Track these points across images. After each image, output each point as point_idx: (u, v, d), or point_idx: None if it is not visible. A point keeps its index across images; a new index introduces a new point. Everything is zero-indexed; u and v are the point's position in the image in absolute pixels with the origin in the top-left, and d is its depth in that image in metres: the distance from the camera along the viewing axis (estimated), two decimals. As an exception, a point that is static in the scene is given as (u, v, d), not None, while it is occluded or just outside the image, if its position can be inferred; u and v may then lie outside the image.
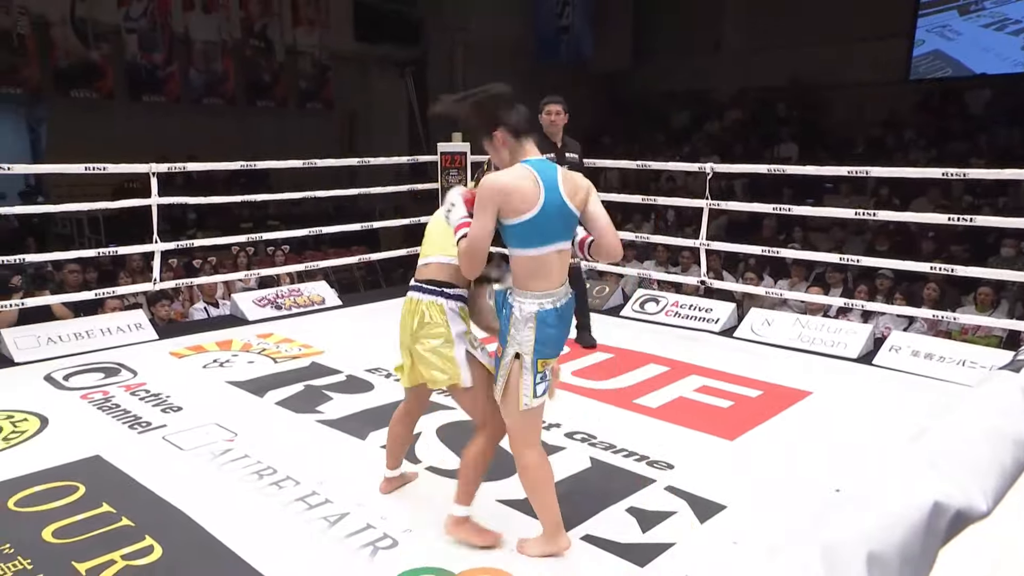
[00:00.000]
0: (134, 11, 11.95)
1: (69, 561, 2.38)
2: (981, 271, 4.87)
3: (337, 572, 2.35)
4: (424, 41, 15.09)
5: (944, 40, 11.40)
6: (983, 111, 11.87)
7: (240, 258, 7.68)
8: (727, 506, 2.76)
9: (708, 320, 5.32)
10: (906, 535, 0.44)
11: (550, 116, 4.34)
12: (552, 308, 2.24)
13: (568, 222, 2.28)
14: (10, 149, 11.95)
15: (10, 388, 3.99)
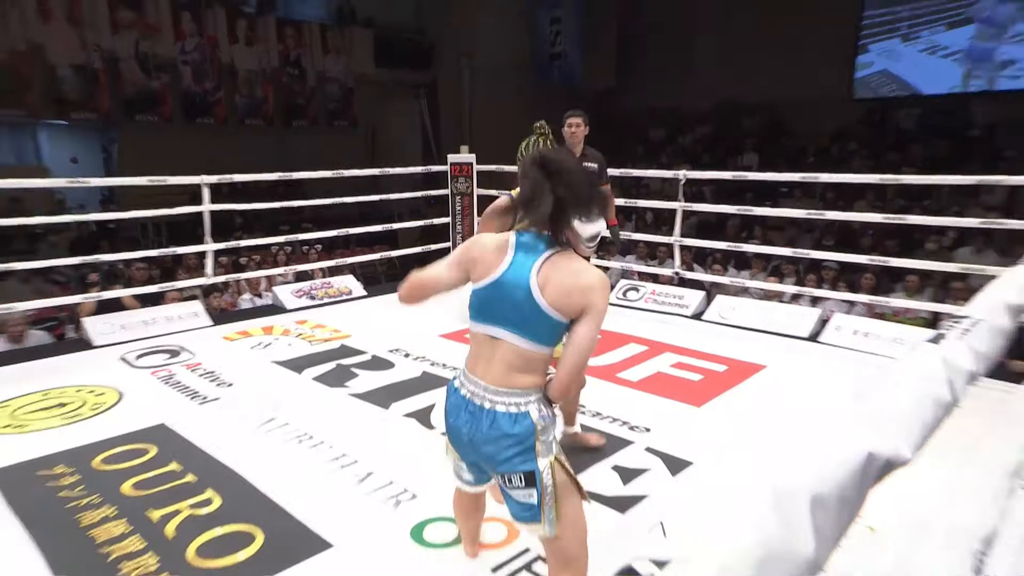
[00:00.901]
0: (188, 46, 11.94)
1: (145, 509, 2.43)
2: (910, 262, 4.91)
3: (365, 521, 2.39)
4: (435, 66, 15.04)
5: (891, 61, 11.53)
6: (914, 126, 11.95)
7: (279, 256, 7.70)
8: (694, 462, 2.81)
9: (681, 306, 5.34)
10: (843, 480, 0.47)
11: (570, 128, 4.09)
12: (456, 386, 1.69)
13: (522, 314, 1.56)
14: (88, 165, 12.01)
15: (92, 367, 4.02)
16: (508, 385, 1.59)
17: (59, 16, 10.38)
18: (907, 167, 10.00)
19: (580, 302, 1.55)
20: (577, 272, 1.57)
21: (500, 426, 1.58)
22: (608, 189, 4.13)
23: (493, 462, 1.62)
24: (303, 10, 14.11)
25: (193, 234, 6.01)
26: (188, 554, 2.18)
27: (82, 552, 2.20)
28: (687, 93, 14.75)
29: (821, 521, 0.42)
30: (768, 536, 0.38)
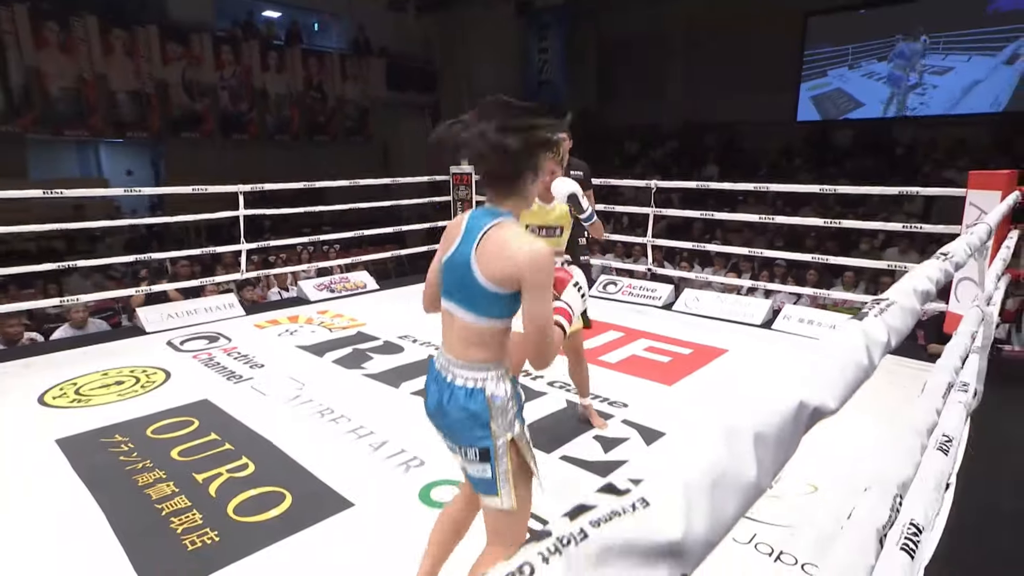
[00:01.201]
0: (226, 73, 11.88)
1: (190, 473, 2.43)
2: (846, 260, 4.94)
3: (380, 483, 2.39)
4: (439, 89, 15.01)
5: (843, 82, 11.91)
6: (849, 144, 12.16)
7: (303, 254, 7.68)
8: (666, 433, 2.82)
9: (653, 298, 5.35)
10: (781, 422, 0.49)
11: None
12: (433, 360, 1.50)
13: (466, 287, 1.35)
14: (140, 176, 11.95)
15: (144, 351, 4.02)
16: (465, 359, 1.39)
17: (119, 50, 10.39)
18: (843, 179, 10.10)
19: (511, 273, 1.29)
20: (504, 242, 1.30)
21: (457, 399, 1.39)
22: (591, 195, 4.08)
23: (452, 434, 1.44)
24: (325, 42, 14.04)
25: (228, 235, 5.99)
26: (228, 510, 2.18)
27: (140, 507, 2.20)
28: (657, 113, 14.81)
29: (762, 455, 0.44)
30: (719, 462, 0.40)
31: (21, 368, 3.72)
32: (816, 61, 12.13)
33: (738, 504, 0.38)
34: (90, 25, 9.97)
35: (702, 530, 0.33)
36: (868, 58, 11.53)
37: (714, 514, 0.35)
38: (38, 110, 9.67)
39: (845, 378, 0.58)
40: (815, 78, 12.18)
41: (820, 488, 2.26)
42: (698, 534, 0.32)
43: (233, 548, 1.98)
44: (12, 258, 7.91)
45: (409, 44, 14.45)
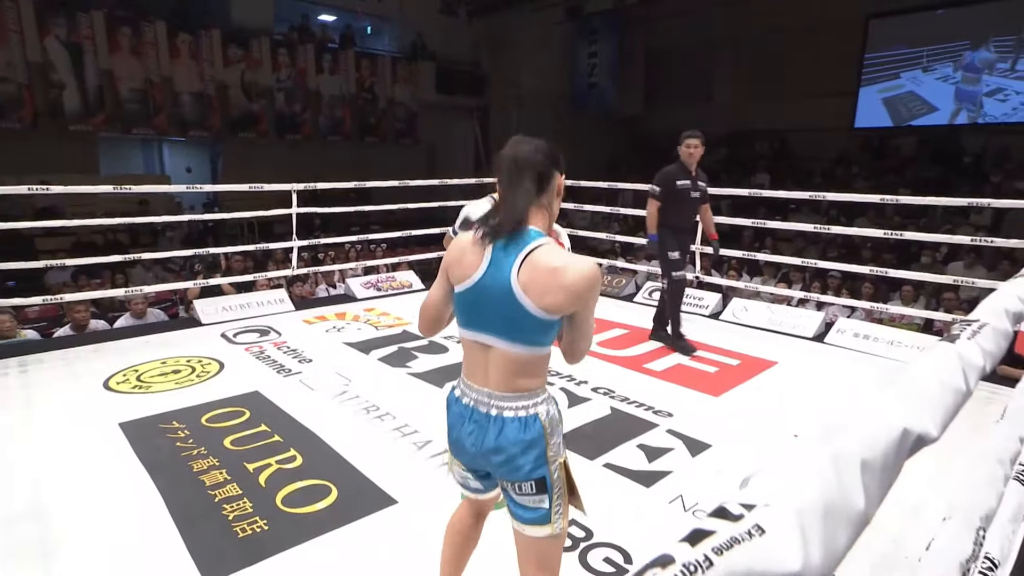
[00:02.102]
0: (282, 76, 12.25)
1: (242, 462, 2.50)
2: (906, 273, 4.71)
3: (423, 482, 2.40)
4: (487, 93, 15.11)
5: (916, 85, 11.34)
6: (912, 153, 11.58)
7: (351, 253, 7.83)
8: (712, 445, 2.74)
9: (700, 306, 5.24)
10: (886, 449, 0.47)
11: (688, 149, 3.85)
12: (457, 396, 1.41)
13: (509, 318, 1.26)
14: (200, 174, 12.47)
15: (199, 342, 4.15)
16: (512, 390, 1.30)
17: (185, 54, 10.86)
18: (904, 188, 9.64)
19: (569, 302, 1.23)
20: (557, 271, 1.22)
21: (510, 433, 1.29)
22: (708, 207, 4.17)
23: (503, 471, 1.33)
24: (377, 45, 14.32)
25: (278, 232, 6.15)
26: (277, 501, 2.23)
27: (195, 492, 2.28)
28: (707, 119, 14.52)
29: (868, 482, 0.42)
30: (829, 489, 0.38)
31: (91, 353, 3.92)
32: (887, 63, 11.51)
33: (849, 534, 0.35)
34: (159, 30, 10.46)
35: (818, 561, 0.31)
36: (943, 61, 10.93)
37: (828, 544, 0.32)
38: (109, 110, 10.19)
39: (945, 404, 0.54)
40: (886, 80, 11.56)
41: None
42: (815, 566, 0.30)
43: (281, 537, 2.02)
44: (81, 249, 8.36)
45: (459, 48, 14.59)
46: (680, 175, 3.92)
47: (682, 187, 3.92)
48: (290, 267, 5.33)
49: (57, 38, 9.48)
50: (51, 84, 9.57)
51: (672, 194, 3.92)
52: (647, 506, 2.26)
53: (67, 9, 9.46)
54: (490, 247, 1.29)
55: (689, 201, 3.97)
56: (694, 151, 3.87)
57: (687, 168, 3.93)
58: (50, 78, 9.54)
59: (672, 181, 3.91)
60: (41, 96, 9.56)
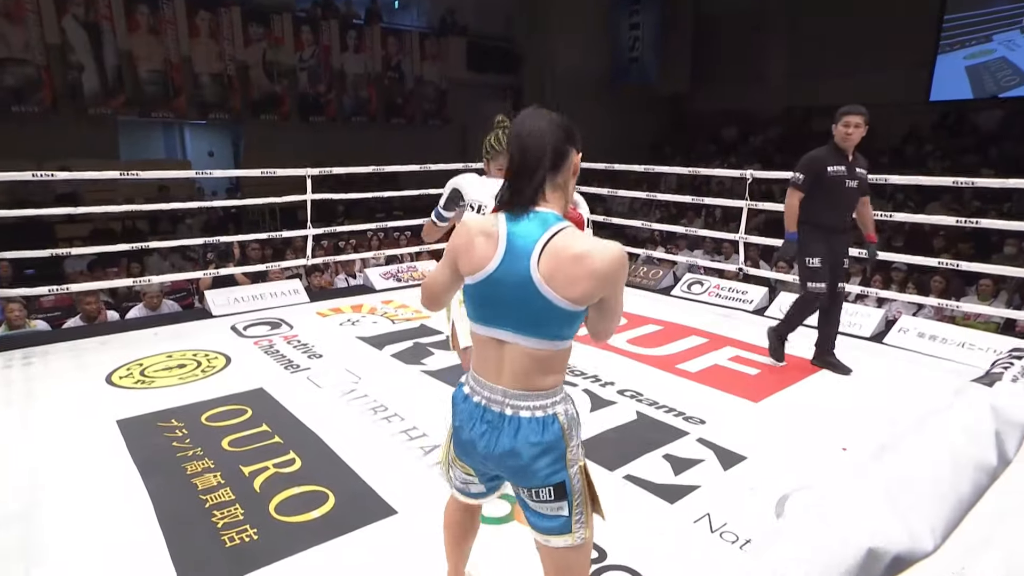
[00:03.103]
0: (305, 54, 12.41)
1: (238, 465, 2.50)
2: (982, 266, 4.39)
3: (427, 491, 2.34)
4: (521, 70, 14.96)
5: (1009, 51, 10.34)
6: (995, 128, 10.83)
7: (373, 240, 7.85)
8: (747, 457, 2.61)
9: (744, 301, 5.05)
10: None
11: (847, 129, 3.30)
12: (467, 393, 1.35)
13: (529, 311, 1.21)
14: (220, 157, 12.76)
15: (208, 334, 4.20)
16: (529, 388, 1.26)
17: (204, 32, 11.07)
18: (986, 169, 9.08)
19: (597, 289, 1.20)
20: (582, 258, 1.17)
21: (527, 435, 1.25)
22: (867, 200, 3.59)
23: (518, 476, 1.30)
24: (404, 20, 14.31)
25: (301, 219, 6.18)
26: (270, 508, 2.22)
27: (185, 497, 2.28)
28: (758, 96, 14.06)
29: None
30: None
31: (98, 345, 4.01)
32: (977, 23, 10.58)
33: None
34: (178, 7, 10.68)
35: None
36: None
37: None
38: (128, 92, 10.48)
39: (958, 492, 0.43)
40: (976, 43, 10.61)
41: None
42: None
43: (270, 549, 2.00)
44: (98, 236, 8.63)
45: (491, 23, 14.47)
46: (832, 160, 3.36)
47: (834, 175, 3.35)
48: (306, 257, 5.35)
49: (75, 17, 9.78)
50: (70, 66, 9.89)
51: (820, 184, 3.36)
52: (669, 525, 2.16)
53: (84, -13, 9.74)
54: (504, 234, 1.23)
55: (844, 193, 3.39)
56: (853, 132, 3.30)
57: (842, 152, 3.37)
58: (68, 59, 9.85)
59: (821, 167, 3.36)
60: (60, 78, 9.89)
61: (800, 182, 3.43)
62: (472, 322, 1.32)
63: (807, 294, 3.54)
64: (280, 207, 10.44)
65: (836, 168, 3.35)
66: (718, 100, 14.79)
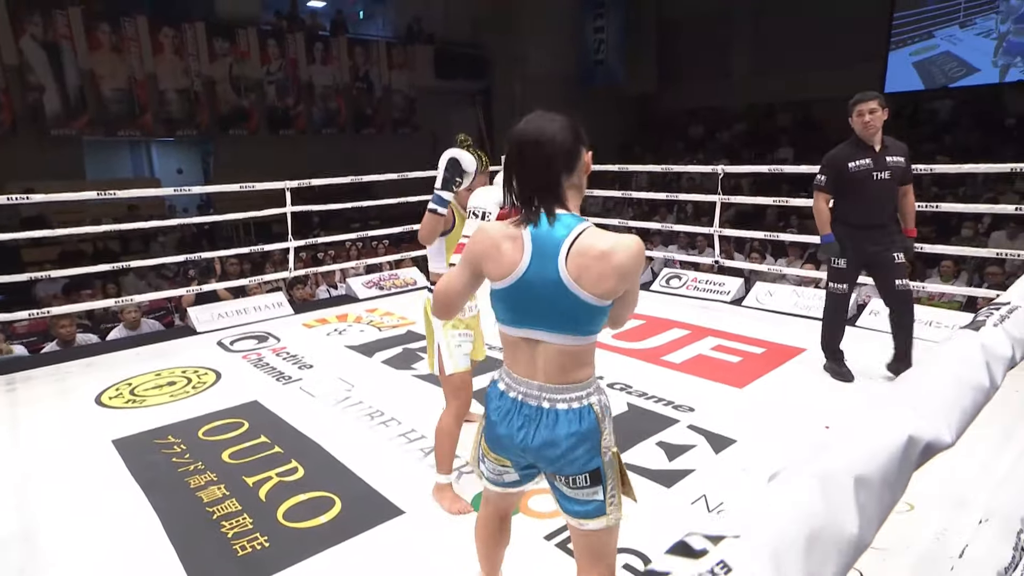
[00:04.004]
0: (272, 68, 12.34)
1: (241, 476, 2.51)
2: (944, 248, 4.59)
3: (429, 489, 2.38)
4: (490, 75, 15.05)
5: (951, 45, 10.79)
6: (948, 117, 11.31)
7: (351, 251, 7.84)
8: (737, 440, 2.72)
9: (721, 292, 5.19)
10: (886, 462, 0.44)
11: (863, 117, 3.10)
12: (502, 389, 1.39)
13: (560, 310, 1.26)
14: (190, 174, 12.59)
15: (195, 351, 4.18)
16: (564, 381, 1.31)
17: (168, 49, 10.95)
18: (942, 156, 9.45)
19: (620, 284, 1.25)
20: (606, 255, 1.23)
21: (564, 426, 1.31)
22: (911, 188, 3.30)
23: (556, 466, 1.34)
24: (370, 30, 14.31)
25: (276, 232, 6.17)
26: (278, 516, 2.24)
27: (192, 510, 2.30)
28: (724, 93, 14.40)
29: (864, 501, 0.39)
30: (814, 516, 0.35)
31: (83, 367, 3.96)
32: (919, 21, 11.08)
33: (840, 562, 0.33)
34: (140, 25, 10.54)
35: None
36: (985, 13, 10.35)
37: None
38: (92, 111, 10.29)
39: (962, 404, 0.52)
40: (919, 40, 11.08)
41: (917, 507, 2.12)
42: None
43: (283, 554, 2.03)
44: (69, 258, 8.46)
45: (458, 29, 14.54)
46: (854, 154, 3.19)
47: (857, 169, 3.16)
48: (288, 269, 5.34)
49: (33, 38, 9.59)
50: (29, 87, 9.68)
51: (844, 181, 3.20)
52: (668, 508, 2.24)
53: (42, 7, 9.54)
54: (528, 237, 1.27)
55: (873, 186, 3.15)
56: (870, 118, 3.08)
57: (865, 143, 3.17)
58: (28, 80, 9.64)
59: (842, 164, 3.20)
60: (19, 100, 9.67)
61: (822, 183, 3.30)
62: (502, 324, 1.36)
63: (828, 297, 3.47)
64: (255, 221, 10.37)
65: (859, 162, 3.17)
66: (684, 99, 15.10)
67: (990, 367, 0.59)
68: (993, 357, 0.61)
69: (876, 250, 3.23)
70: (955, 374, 0.55)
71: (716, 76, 14.39)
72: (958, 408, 0.51)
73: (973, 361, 0.58)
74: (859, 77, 11.80)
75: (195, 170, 12.85)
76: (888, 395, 0.49)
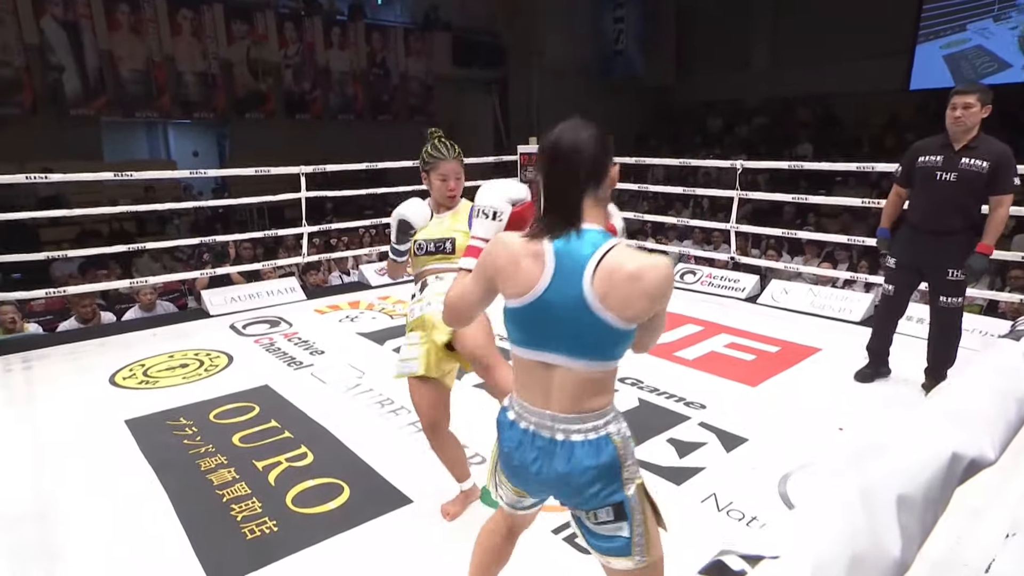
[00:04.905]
0: (290, 52, 12.33)
1: (251, 460, 2.53)
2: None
3: (439, 480, 2.37)
4: (507, 64, 14.96)
5: (985, 38, 10.46)
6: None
7: (364, 237, 7.85)
8: (748, 439, 2.70)
9: (736, 289, 5.15)
10: (929, 479, 0.42)
11: (954, 111, 2.79)
12: (512, 419, 1.30)
13: (583, 333, 1.18)
14: (205, 157, 12.65)
15: (208, 334, 4.22)
16: (580, 411, 1.22)
17: (186, 31, 10.97)
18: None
19: (652, 306, 1.17)
20: (636, 277, 1.14)
21: (580, 460, 1.21)
22: (1005, 200, 2.82)
23: (575, 499, 1.27)
24: (388, 16, 14.25)
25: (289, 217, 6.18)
26: (287, 501, 2.26)
27: (202, 492, 2.32)
28: (743, 86, 14.22)
29: (906, 522, 0.37)
30: (856, 537, 0.34)
31: (97, 347, 4.01)
32: (951, 13, 10.76)
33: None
34: (159, 6, 10.56)
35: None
36: (1021, 7, 10.05)
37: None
38: (110, 93, 10.35)
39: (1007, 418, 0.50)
40: (951, 33, 10.75)
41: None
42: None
43: (291, 539, 2.04)
44: (86, 238, 8.54)
45: (476, 17, 14.45)
46: (930, 148, 2.94)
47: (924, 165, 2.92)
48: (302, 255, 5.36)
49: (54, 17, 9.64)
50: (50, 67, 9.75)
51: (912, 175, 2.99)
52: (678, 505, 2.23)
53: (63, -14, 9.60)
54: (550, 253, 1.18)
55: (934, 187, 2.88)
56: (962, 113, 2.77)
57: (950, 140, 2.86)
58: (48, 60, 9.71)
59: (914, 156, 2.99)
60: (40, 80, 9.75)
61: (897, 173, 3.10)
62: (515, 345, 1.26)
63: (880, 299, 3.35)
64: (268, 206, 10.41)
65: (928, 158, 2.92)
66: (702, 92, 14.92)
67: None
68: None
69: (931, 259, 2.97)
70: (997, 386, 0.53)
71: (735, 68, 14.20)
72: (1003, 422, 0.49)
73: (1016, 371, 0.56)
74: (883, 71, 11.64)
75: (211, 153, 12.91)
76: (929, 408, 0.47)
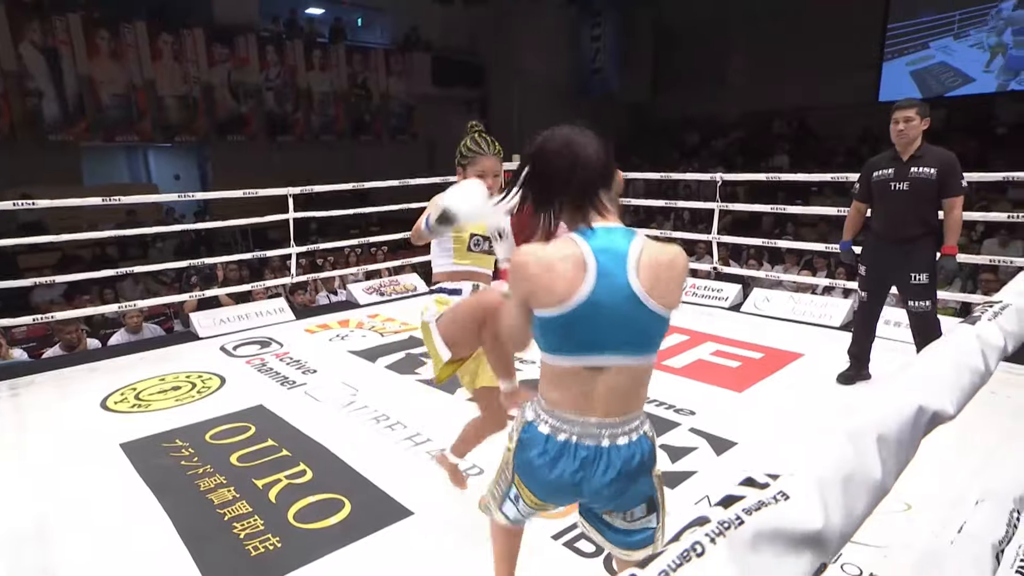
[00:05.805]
0: (271, 74, 12.42)
1: (250, 478, 2.55)
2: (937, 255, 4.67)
3: (439, 492, 2.43)
4: (487, 83, 15.19)
5: (947, 55, 11.15)
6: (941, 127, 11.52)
7: (351, 257, 7.89)
8: (737, 443, 2.78)
9: (719, 298, 5.26)
10: (901, 424, 0.52)
11: (897, 125, 2.98)
12: (547, 433, 1.24)
13: (636, 328, 1.17)
14: (187, 180, 12.63)
15: (198, 356, 4.22)
16: (626, 412, 1.22)
17: (167, 55, 11.01)
18: (936, 165, 9.63)
19: (680, 292, 1.22)
20: (670, 264, 1.19)
21: (627, 461, 1.22)
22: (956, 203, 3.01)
23: (616, 503, 1.28)
24: (369, 38, 14.42)
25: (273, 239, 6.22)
26: (288, 517, 2.29)
27: (203, 512, 2.33)
28: (719, 101, 14.58)
29: (885, 455, 0.47)
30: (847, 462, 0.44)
31: (86, 372, 3.99)
32: (915, 32, 11.40)
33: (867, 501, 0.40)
34: (139, 31, 10.60)
35: (838, 523, 0.36)
36: (977, 26, 10.74)
37: (847, 509, 0.38)
38: (90, 117, 10.33)
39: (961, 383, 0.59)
40: (915, 51, 11.44)
41: (914, 507, 2.18)
42: (835, 526, 0.36)
43: (295, 554, 2.07)
44: (67, 264, 8.47)
45: (456, 37, 14.67)
46: (881, 163, 3.14)
47: (879, 178, 3.11)
48: (288, 275, 5.39)
49: (32, 43, 9.63)
50: (28, 92, 9.71)
51: (870, 188, 3.17)
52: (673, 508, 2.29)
53: (41, 13, 9.60)
54: (589, 253, 1.16)
55: (889, 197, 3.07)
56: (904, 127, 2.94)
57: (898, 152, 3.04)
58: (27, 86, 9.68)
59: (869, 171, 3.19)
60: (18, 105, 9.70)
61: (856, 190, 3.29)
62: (554, 354, 1.21)
63: (857, 305, 3.50)
64: (252, 228, 10.42)
65: (881, 171, 3.12)
66: (680, 107, 15.26)
67: (985, 355, 0.66)
68: (988, 346, 0.68)
69: (896, 266, 3.14)
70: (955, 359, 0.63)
71: (712, 84, 14.56)
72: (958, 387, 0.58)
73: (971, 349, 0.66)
74: (854, 86, 12.04)
75: (192, 176, 12.90)
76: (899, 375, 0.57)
